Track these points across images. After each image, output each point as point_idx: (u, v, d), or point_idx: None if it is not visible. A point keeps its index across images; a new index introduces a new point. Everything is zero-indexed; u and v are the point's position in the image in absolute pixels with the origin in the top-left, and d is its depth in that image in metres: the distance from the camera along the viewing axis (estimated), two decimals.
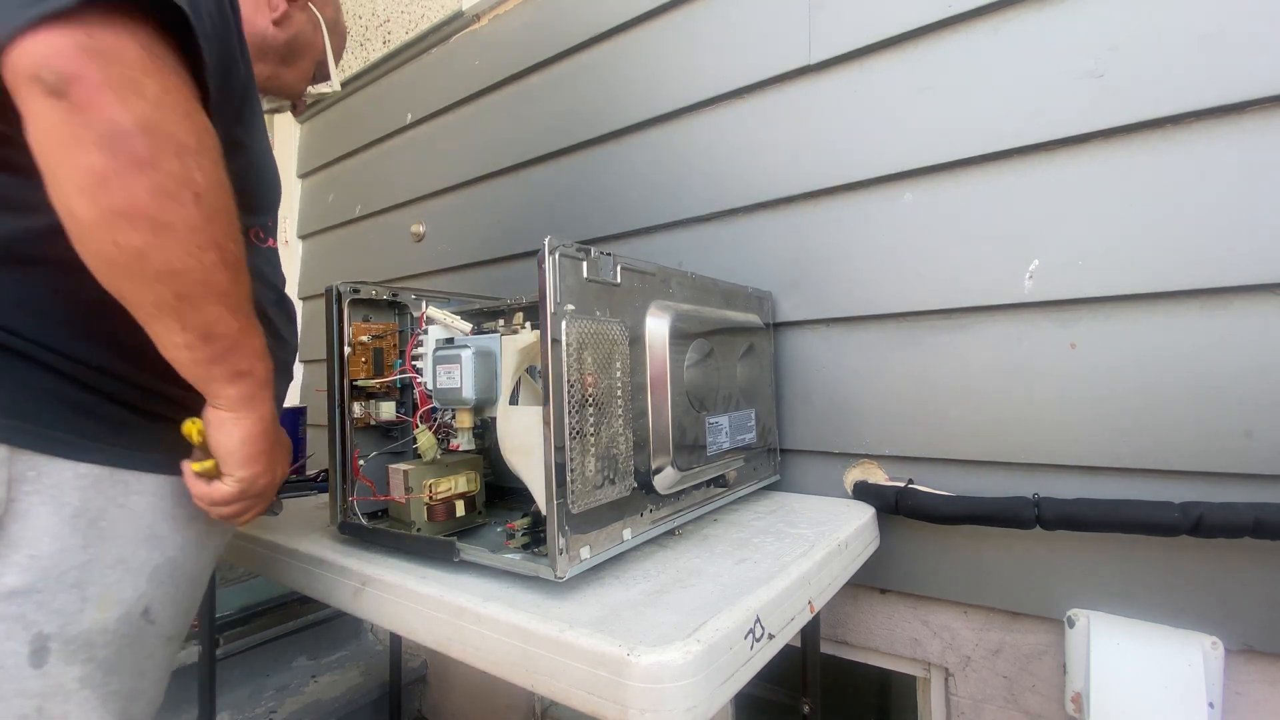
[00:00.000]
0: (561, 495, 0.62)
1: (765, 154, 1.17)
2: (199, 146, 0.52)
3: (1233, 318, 0.80)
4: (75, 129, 0.46)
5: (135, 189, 0.48)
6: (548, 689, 0.58)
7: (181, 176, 0.50)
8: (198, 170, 0.51)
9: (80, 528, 0.56)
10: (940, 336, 1.00)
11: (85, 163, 0.47)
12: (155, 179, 0.48)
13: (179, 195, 0.50)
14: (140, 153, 0.48)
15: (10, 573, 0.53)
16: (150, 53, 0.49)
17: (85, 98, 0.46)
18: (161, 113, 0.49)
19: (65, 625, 0.55)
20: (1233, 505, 0.77)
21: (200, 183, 0.51)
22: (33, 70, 0.45)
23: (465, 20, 1.72)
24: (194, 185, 0.51)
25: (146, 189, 0.48)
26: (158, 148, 0.48)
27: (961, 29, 0.98)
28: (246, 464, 0.61)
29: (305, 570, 0.85)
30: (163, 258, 0.50)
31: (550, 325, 0.62)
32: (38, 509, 0.54)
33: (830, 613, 1.13)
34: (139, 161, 0.48)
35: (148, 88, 0.48)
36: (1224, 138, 0.81)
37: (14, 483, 0.53)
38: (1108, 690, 0.84)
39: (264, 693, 1.71)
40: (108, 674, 0.58)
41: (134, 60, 0.48)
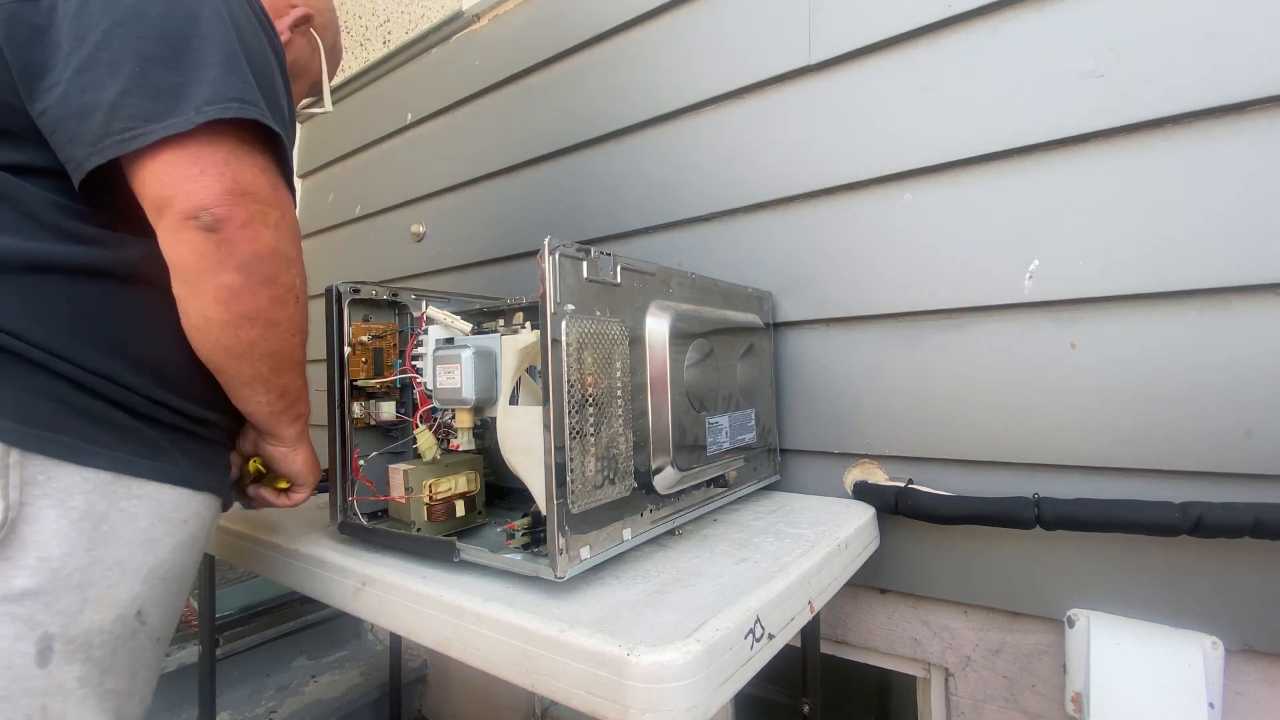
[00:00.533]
0: (561, 495, 0.62)
1: (765, 154, 1.17)
2: (298, 255, 0.67)
3: (1233, 318, 0.80)
4: (222, 257, 0.60)
5: (260, 299, 0.62)
6: (548, 689, 0.58)
7: (290, 286, 0.65)
8: (299, 277, 0.67)
9: (85, 530, 0.58)
10: (940, 336, 1.00)
11: (225, 280, 0.60)
12: (274, 291, 0.63)
13: (287, 300, 0.65)
14: (266, 273, 0.62)
15: (21, 574, 0.54)
16: (271, 181, 0.63)
17: (232, 235, 0.59)
18: (280, 236, 0.63)
19: (67, 625, 0.56)
20: (1233, 505, 0.77)
21: (299, 286, 0.67)
22: (191, 211, 0.58)
23: (465, 20, 1.72)
24: (296, 290, 0.66)
25: (268, 299, 0.63)
26: (278, 267, 0.63)
27: (961, 29, 0.98)
28: (311, 475, 0.81)
29: (305, 570, 0.85)
30: (268, 346, 0.65)
31: (550, 325, 0.62)
32: (47, 512, 0.56)
33: (830, 613, 1.13)
34: (265, 279, 0.62)
35: (271, 216, 0.62)
36: (1224, 138, 0.81)
37: (25, 486, 0.55)
38: (1108, 690, 0.84)
39: (264, 693, 1.71)
40: (103, 673, 0.59)
41: (265, 195, 0.62)
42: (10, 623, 0.54)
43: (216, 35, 0.61)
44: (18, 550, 0.54)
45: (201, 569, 1.34)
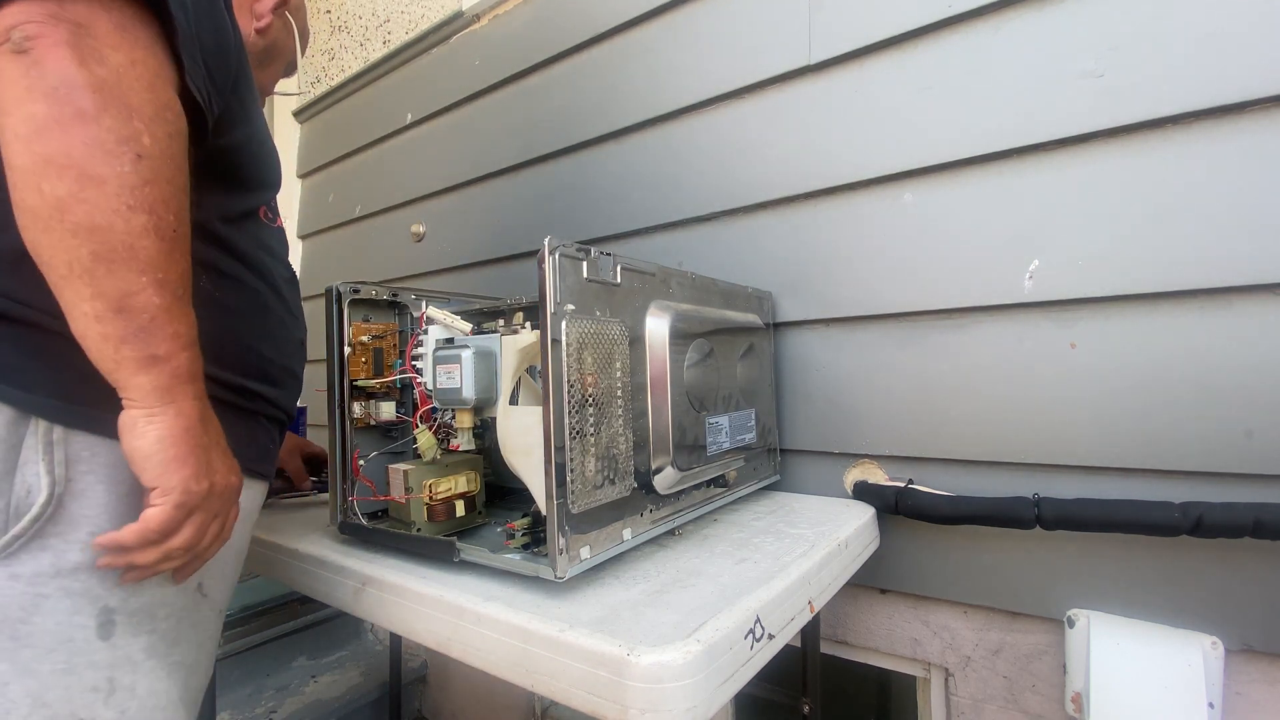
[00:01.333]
0: (561, 495, 0.62)
1: (765, 154, 1.17)
2: (155, 115, 0.50)
3: (1233, 318, 0.80)
4: (30, 80, 0.47)
5: (71, 139, 0.47)
6: (548, 689, 0.58)
7: (125, 135, 0.48)
8: (147, 134, 0.50)
9: (135, 504, 0.56)
10: (940, 336, 1.00)
11: (29, 110, 0.47)
12: (93, 132, 0.47)
13: (117, 152, 0.48)
14: (84, 106, 0.47)
15: (73, 550, 0.54)
16: (121, 28, 0.49)
17: (43, 52, 0.46)
18: (119, 78, 0.49)
19: (128, 598, 0.56)
20: (1233, 505, 0.77)
21: (147, 145, 0.49)
22: (2, 35, 0.46)
23: (465, 20, 1.72)
24: (138, 146, 0.49)
25: (82, 140, 0.47)
26: (104, 104, 0.48)
27: (961, 29, 0.98)
28: (168, 469, 0.52)
29: (305, 570, 0.85)
30: (85, 210, 0.47)
31: (550, 325, 0.62)
32: (95, 487, 0.55)
33: (830, 613, 1.13)
34: (80, 114, 0.47)
35: (110, 59, 0.48)
36: (1224, 138, 0.81)
37: (71, 463, 0.54)
38: (1108, 690, 0.84)
39: (264, 693, 1.71)
40: (171, 645, 0.60)
41: (103, 33, 0.48)
42: (67, 597, 0.53)
43: None
44: (69, 526, 0.54)
45: None
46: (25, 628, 0.52)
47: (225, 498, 0.58)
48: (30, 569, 0.52)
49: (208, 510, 0.56)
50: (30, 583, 0.52)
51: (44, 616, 0.52)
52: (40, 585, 0.52)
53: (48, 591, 0.53)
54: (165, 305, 0.51)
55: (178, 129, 0.53)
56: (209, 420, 0.57)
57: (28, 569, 0.52)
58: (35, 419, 0.53)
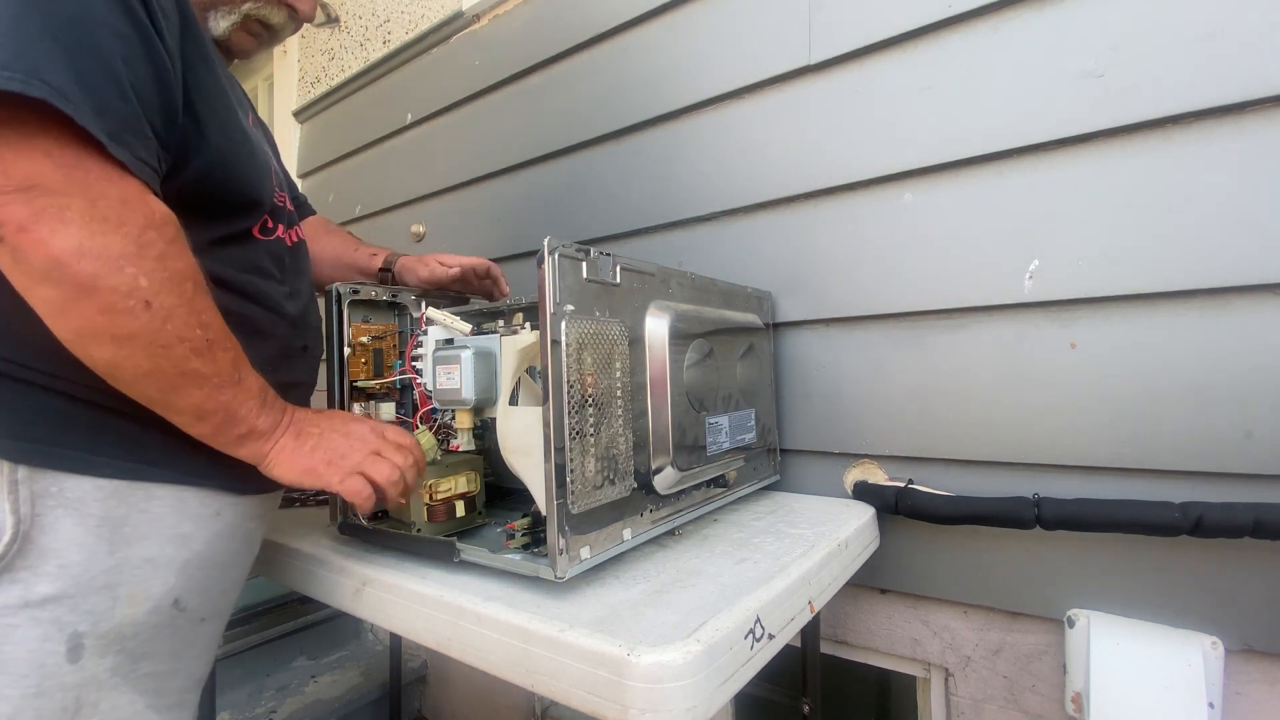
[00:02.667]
0: (561, 495, 0.62)
1: (765, 154, 1.17)
2: (139, 250, 0.52)
3: (1233, 318, 0.80)
4: (22, 270, 0.50)
5: (87, 313, 0.51)
6: (548, 689, 0.58)
7: (126, 289, 0.52)
8: (142, 276, 0.52)
9: (105, 535, 0.59)
10: (940, 336, 1.00)
11: (41, 296, 0.51)
12: (102, 299, 0.51)
13: (129, 308, 0.52)
14: (81, 279, 0.50)
15: (42, 582, 0.56)
16: (63, 166, 0.50)
17: (17, 241, 0.48)
18: (91, 230, 0.50)
19: (97, 623, 0.59)
20: (1233, 505, 0.77)
21: (147, 287, 0.53)
22: None
23: (465, 20, 1.72)
24: (142, 293, 0.52)
25: (97, 310, 0.51)
26: (96, 268, 0.50)
27: (961, 29, 0.98)
28: (311, 480, 0.66)
29: (305, 570, 0.85)
30: (133, 364, 0.54)
31: (550, 326, 0.62)
32: (62, 521, 0.57)
33: (830, 613, 1.13)
34: (82, 288, 0.50)
35: (72, 208, 0.50)
36: (1224, 138, 0.81)
37: (37, 499, 0.56)
38: (1108, 690, 0.84)
39: (264, 693, 1.71)
40: (137, 661, 0.62)
41: (53, 183, 0.49)
42: (37, 625, 0.56)
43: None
44: (38, 559, 0.56)
45: None
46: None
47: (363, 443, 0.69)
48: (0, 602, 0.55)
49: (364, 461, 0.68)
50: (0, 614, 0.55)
51: (14, 645, 0.55)
52: (10, 616, 0.55)
53: (17, 621, 0.55)
54: (229, 400, 0.60)
55: (163, 234, 0.55)
56: (305, 432, 0.67)
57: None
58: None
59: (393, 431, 0.72)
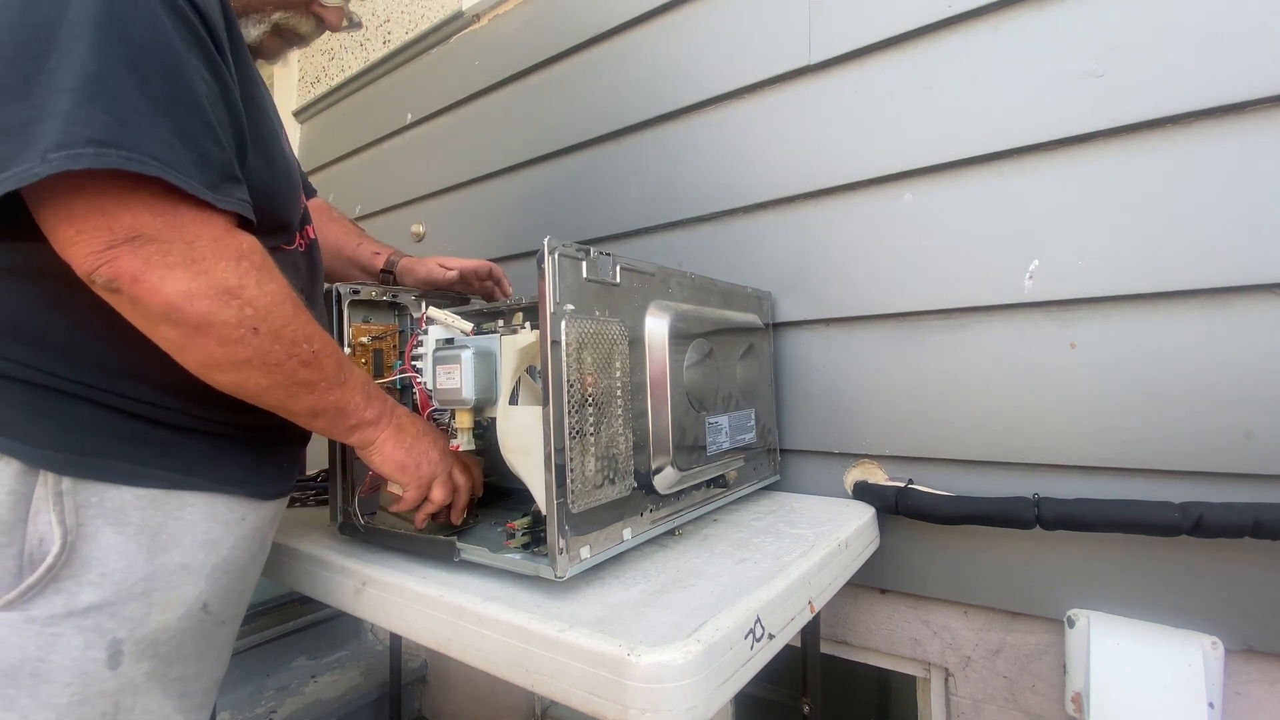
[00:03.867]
0: (561, 495, 0.62)
1: (765, 154, 1.17)
2: (240, 281, 0.57)
3: (1233, 318, 0.80)
4: (142, 314, 0.55)
5: (207, 346, 0.56)
6: (548, 689, 0.58)
7: (237, 321, 0.56)
8: (248, 306, 0.57)
9: (144, 543, 0.61)
10: (940, 336, 1.00)
11: (162, 336, 0.56)
12: (217, 334, 0.56)
13: (240, 337, 0.57)
14: (196, 319, 0.54)
15: (85, 590, 0.58)
16: (162, 211, 0.53)
17: (133, 293, 0.53)
18: (195, 271, 0.54)
19: (135, 629, 0.61)
20: (1233, 505, 0.77)
21: (253, 315, 0.57)
22: (86, 277, 0.52)
23: (465, 20, 1.72)
24: (249, 322, 0.57)
25: (215, 343, 0.56)
26: (208, 307, 0.55)
27: (961, 29, 0.98)
28: (399, 475, 0.73)
29: (305, 570, 0.85)
30: (253, 383, 0.60)
31: (550, 325, 0.62)
32: (103, 530, 0.59)
33: (830, 613, 1.13)
34: (199, 326, 0.55)
35: (173, 253, 0.53)
36: (1224, 138, 0.81)
37: (81, 509, 0.58)
38: (1108, 690, 0.84)
39: (264, 693, 1.71)
40: (169, 665, 0.64)
41: (155, 231, 0.53)
42: (79, 634, 0.57)
43: (79, 44, 0.49)
44: (80, 568, 0.58)
45: None
46: (44, 665, 0.56)
47: (442, 459, 0.77)
48: (45, 612, 0.56)
49: (439, 480, 0.76)
50: (46, 624, 0.56)
51: (60, 654, 0.57)
52: (55, 625, 0.57)
53: (62, 630, 0.57)
54: (338, 399, 0.67)
55: (254, 263, 0.59)
56: (405, 428, 0.74)
57: (43, 612, 0.56)
58: (44, 472, 0.57)
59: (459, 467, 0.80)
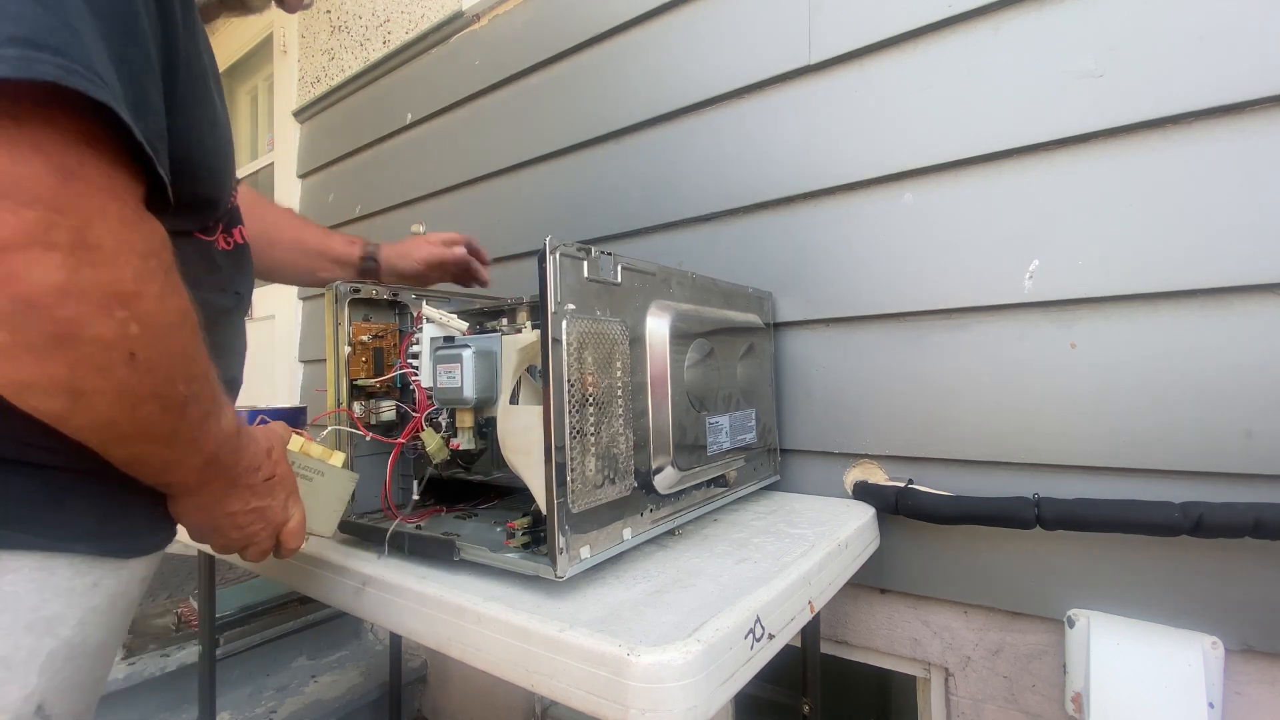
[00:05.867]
0: (561, 495, 0.62)
1: (765, 154, 1.17)
2: (137, 287, 0.41)
3: (1233, 318, 0.80)
4: None
5: (48, 366, 0.39)
6: (548, 689, 0.58)
7: (112, 340, 0.40)
8: (134, 321, 0.41)
9: None
10: (940, 336, 1.00)
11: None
12: (78, 352, 0.39)
13: (107, 362, 0.41)
14: (58, 327, 0.38)
15: None
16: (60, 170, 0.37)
17: None
18: (82, 261, 0.38)
19: None
20: (1233, 505, 0.77)
21: (137, 334, 0.41)
22: None
23: (465, 20, 1.72)
24: (128, 343, 0.41)
25: (64, 364, 0.39)
26: (80, 317, 0.38)
27: (961, 29, 0.98)
28: (193, 533, 0.60)
29: (305, 570, 0.85)
30: (86, 419, 0.43)
31: (550, 325, 0.62)
32: None
33: (830, 613, 1.13)
34: (54, 340, 0.38)
35: (61, 229, 0.37)
36: (1224, 138, 0.81)
37: None
38: (1108, 690, 0.84)
39: (264, 693, 1.71)
40: None
41: (46, 196, 0.37)
42: None
43: None
44: None
45: (202, 569, 1.35)
46: None
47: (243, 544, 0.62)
48: None
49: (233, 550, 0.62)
50: None
51: None
52: None
53: None
54: (170, 457, 0.50)
55: (162, 263, 0.43)
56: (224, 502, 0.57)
57: None
58: None
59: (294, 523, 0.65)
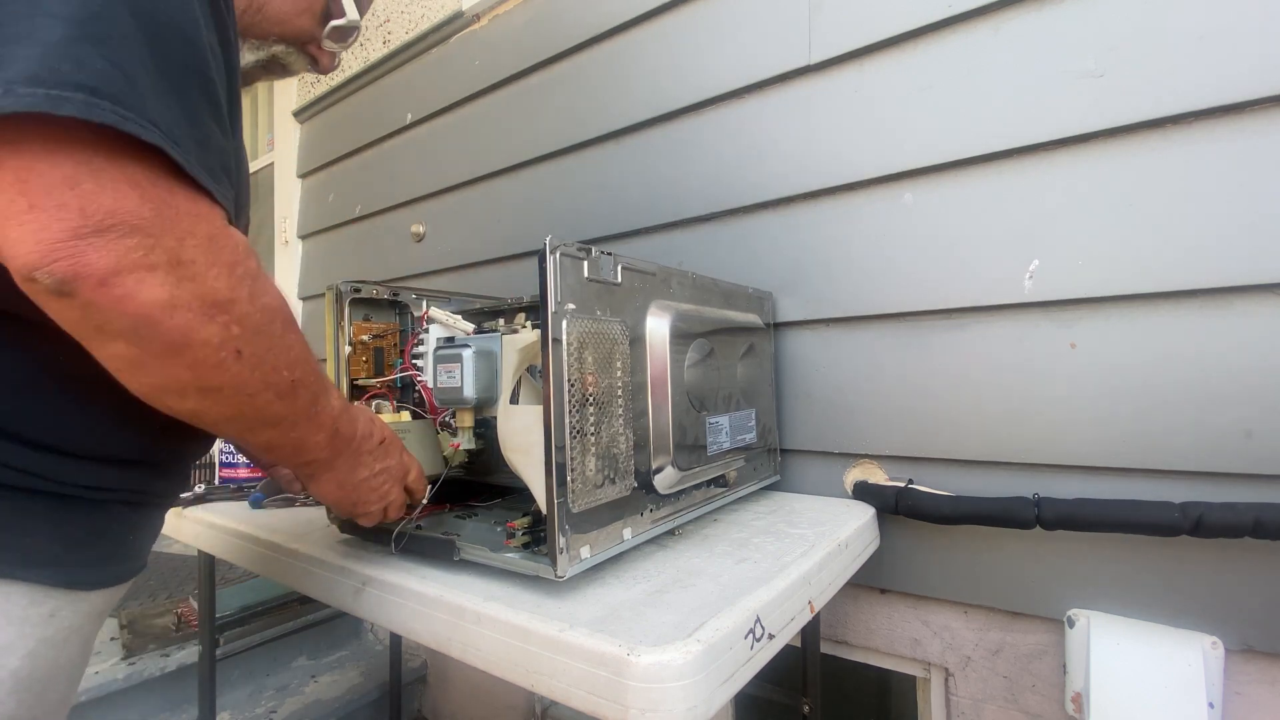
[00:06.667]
0: (562, 495, 0.62)
1: (765, 154, 1.17)
2: (232, 294, 0.45)
3: (1233, 318, 0.80)
4: (93, 327, 0.41)
5: (173, 370, 0.44)
6: (548, 689, 0.58)
7: (220, 341, 0.45)
8: (235, 323, 0.46)
9: None
10: (940, 336, 1.00)
11: (114, 352, 0.43)
12: (193, 355, 0.44)
13: (220, 361, 0.46)
14: (172, 337, 0.42)
15: None
16: (152, 201, 0.41)
17: (94, 298, 0.39)
18: (181, 276, 0.42)
19: None
20: (1233, 505, 0.77)
21: (240, 335, 0.46)
22: (23, 271, 0.38)
23: (465, 20, 1.72)
24: (234, 343, 0.46)
25: (186, 366, 0.44)
26: (188, 325, 0.43)
27: (961, 29, 0.98)
28: (332, 505, 0.69)
29: (305, 570, 0.85)
30: (215, 413, 0.49)
31: (551, 325, 0.62)
32: None
33: (830, 613, 1.13)
34: (172, 345, 0.43)
35: (157, 253, 0.41)
36: (1224, 138, 0.81)
37: None
38: (1108, 690, 0.84)
39: (264, 693, 1.71)
40: None
41: (141, 220, 0.40)
42: None
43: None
44: None
45: (202, 569, 1.35)
46: None
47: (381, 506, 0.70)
48: None
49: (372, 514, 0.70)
50: None
51: None
52: None
53: None
54: (300, 436, 0.57)
55: (249, 270, 0.48)
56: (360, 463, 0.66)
57: None
58: None
59: (415, 473, 0.74)
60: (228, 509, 1.11)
